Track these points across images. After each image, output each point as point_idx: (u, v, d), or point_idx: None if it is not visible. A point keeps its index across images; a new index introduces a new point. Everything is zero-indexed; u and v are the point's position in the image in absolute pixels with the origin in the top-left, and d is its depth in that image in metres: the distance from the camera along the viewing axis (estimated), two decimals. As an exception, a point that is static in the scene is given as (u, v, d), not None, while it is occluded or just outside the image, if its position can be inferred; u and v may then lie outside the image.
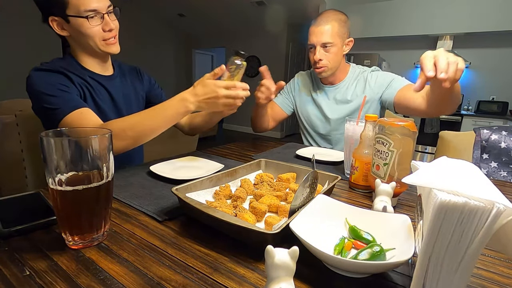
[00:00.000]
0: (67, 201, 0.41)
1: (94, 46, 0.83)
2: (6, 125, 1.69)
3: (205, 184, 0.62)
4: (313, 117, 1.36)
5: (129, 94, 0.99)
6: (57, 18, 0.80)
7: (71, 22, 0.79)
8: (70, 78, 0.82)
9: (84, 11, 0.77)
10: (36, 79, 0.78)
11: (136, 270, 0.38)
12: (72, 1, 0.76)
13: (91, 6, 0.77)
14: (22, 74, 4.15)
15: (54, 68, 0.80)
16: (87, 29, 0.79)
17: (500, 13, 3.44)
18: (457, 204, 0.26)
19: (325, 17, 1.15)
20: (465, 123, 3.69)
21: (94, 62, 0.90)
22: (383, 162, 0.62)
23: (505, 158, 1.16)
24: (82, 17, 0.77)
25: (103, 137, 0.41)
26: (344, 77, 1.29)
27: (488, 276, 0.40)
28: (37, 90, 0.77)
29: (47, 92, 0.77)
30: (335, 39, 1.15)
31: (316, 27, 1.15)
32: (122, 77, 1.00)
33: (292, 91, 1.42)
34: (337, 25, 1.14)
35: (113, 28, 0.82)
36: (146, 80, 1.08)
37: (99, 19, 0.80)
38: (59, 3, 0.76)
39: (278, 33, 5.67)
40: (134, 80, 1.04)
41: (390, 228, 0.44)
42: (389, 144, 0.60)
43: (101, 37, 0.82)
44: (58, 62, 0.85)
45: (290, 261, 0.28)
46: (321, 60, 1.17)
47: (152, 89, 1.10)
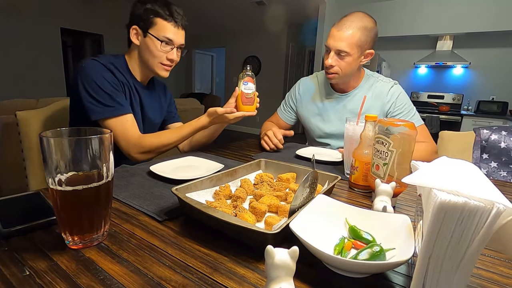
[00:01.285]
0: (67, 201, 0.41)
1: (151, 64, 0.97)
2: (6, 125, 1.69)
3: (205, 184, 0.62)
4: (317, 129, 1.31)
5: (156, 105, 1.12)
6: (138, 30, 0.94)
7: (147, 38, 0.93)
8: (119, 79, 0.93)
9: (163, 37, 0.92)
10: (93, 70, 0.88)
11: (136, 270, 0.38)
12: (158, 25, 0.92)
13: (169, 36, 0.93)
14: (21, 74, 4.17)
15: (108, 66, 0.91)
16: (156, 50, 0.94)
17: (500, 13, 3.44)
18: (457, 204, 0.26)
19: (349, 21, 1.06)
20: (465, 123, 3.69)
21: (141, 72, 1.02)
22: (383, 162, 0.62)
23: (505, 158, 1.16)
24: (159, 39, 0.92)
25: (103, 137, 0.41)
26: (357, 84, 1.23)
27: (488, 276, 0.40)
28: (94, 82, 0.87)
29: (103, 87, 0.87)
30: (352, 49, 1.06)
31: (338, 30, 1.07)
32: (153, 90, 1.12)
33: (294, 100, 1.37)
34: (359, 34, 1.05)
35: (174, 60, 0.97)
36: (168, 96, 1.21)
37: (169, 48, 0.95)
38: (148, 21, 0.92)
39: (278, 33, 5.68)
40: (161, 94, 1.16)
41: (390, 228, 0.44)
42: (389, 144, 0.60)
43: (161, 61, 0.96)
44: (112, 60, 0.95)
45: (290, 261, 0.28)
46: (333, 66, 1.11)
47: (170, 106, 1.22)
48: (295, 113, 1.39)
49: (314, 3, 4.37)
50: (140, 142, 0.91)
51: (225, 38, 6.49)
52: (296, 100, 1.36)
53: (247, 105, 0.93)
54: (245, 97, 0.92)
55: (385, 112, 1.20)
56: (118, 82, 0.93)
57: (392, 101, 1.18)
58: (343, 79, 1.17)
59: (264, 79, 6.05)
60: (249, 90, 0.92)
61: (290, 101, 1.39)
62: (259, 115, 4.20)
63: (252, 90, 0.93)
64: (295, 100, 1.37)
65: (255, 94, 0.94)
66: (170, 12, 0.92)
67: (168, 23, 0.92)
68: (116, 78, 0.92)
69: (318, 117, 1.30)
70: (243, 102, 0.93)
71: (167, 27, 0.92)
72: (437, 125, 3.74)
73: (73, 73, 0.90)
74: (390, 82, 1.22)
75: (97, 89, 0.87)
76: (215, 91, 8.56)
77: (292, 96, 1.38)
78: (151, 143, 0.92)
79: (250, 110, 0.94)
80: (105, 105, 0.88)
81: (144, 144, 0.91)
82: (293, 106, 1.38)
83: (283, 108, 1.42)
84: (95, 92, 0.87)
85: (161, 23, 0.91)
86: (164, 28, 0.91)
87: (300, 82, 1.38)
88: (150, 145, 0.92)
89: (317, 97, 1.30)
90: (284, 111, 1.41)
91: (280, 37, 5.72)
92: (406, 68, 4.48)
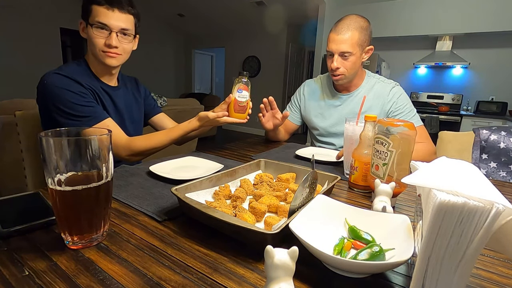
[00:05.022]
0: (66, 201, 0.41)
1: (96, 54, 0.92)
2: (5, 125, 1.69)
3: (204, 184, 0.62)
4: (321, 130, 1.34)
5: (131, 103, 1.09)
6: (83, 22, 0.91)
7: (88, 28, 0.90)
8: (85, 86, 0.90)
9: (96, 22, 0.87)
10: (58, 84, 0.85)
11: (136, 270, 0.38)
12: (93, 12, 0.88)
13: (102, 20, 0.87)
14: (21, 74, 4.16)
15: (72, 77, 0.88)
16: (93, 38, 0.89)
17: (499, 13, 3.44)
18: (457, 204, 0.26)
19: (346, 25, 1.11)
20: (464, 123, 3.69)
21: (102, 71, 0.98)
22: (382, 162, 0.62)
23: (504, 158, 1.16)
24: (91, 25, 0.88)
25: (103, 137, 0.41)
26: (360, 84, 1.27)
27: (487, 276, 0.40)
28: (61, 97, 0.84)
29: (73, 100, 0.85)
30: (355, 48, 1.12)
31: (337, 35, 1.11)
32: (125, 87, 1.09)
33: (299, 101, 1.41)
34: (358, 34, 1.11)
35: (114, 45, 0.90)
36: (142, 90, 1.18)
37: (106, 33, 0.89)
38: (87, 10, 0.89)
39: (277, 33, 5.68)
40: (134, 90, 1.13)
41: (389, 228, 0.44)
42: (388, 144, 0.60)
43: (101, 48, 0.90)
44: (74, 69, 0.93)
45: (290, 261, 0.28)
46: (339, 68, 1.15)
47: (147, 99, 1.19)
48: (300, 113, 1.42)
49: (313, 3, 4.37)
50: (129, 145, 0.91)
51: (225, 38, 6.48)
52: (300, 100, 1.41)
53: (239, 113, 0.93)
54: (238, 105, 0.92)
55: (386, 112, 1.22)
56: (86, 90, 0.90)
57: (393, 101, 1.21)
58: (349, 79, 1.21)
59: (263, 79, 6.05)
60: (243, 98, 0.92)
61: (295, 102, 1.43)
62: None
63: (246, 98, 0.93)
64: (300, 100, 1.41)
65: (248, 102, 0.94)
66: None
67: (100, 7, 0.87)
68: (83, 86, 0.89)
69: (321, 116, 1.33)
70: (235, 110, 0.93)
71: (100, 11, 0.87)
72: (436, 125, 3.74)
73: (37, 91, 0.88)
74: (391, 83, 1.25)
75: (67, 103, 0.84)
76: (215, 91, 8.55)
77: (298, 97, 1.42)
78: (140, 146, 0.92)
79: (241, 118, 0.94)
80: (81, 117, 0.86)
81: (133, 147, 0.91)
82: (298, 106, 1.42)
83: (289, 109, 1.45)
84: (66, 107, 0.84)
85: (95, 9, 0.87)
86: (97, 12, 0.87)
87: (305, 83, 1.43)
88: (140, 147, 0.92)
89: (321, 97, 1.34)
90: (290, 112, 1.43)
91: (280, 37, 5.72)
92: (406, 68, 4.49)
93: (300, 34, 5.86)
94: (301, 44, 6.08)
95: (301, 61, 6.35)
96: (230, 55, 6.58)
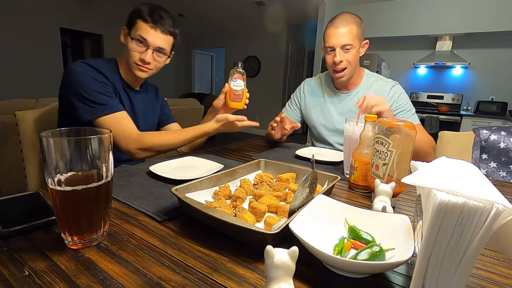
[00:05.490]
0: (66, 201, 0.41)
1: (129, 63, 0.98)
2: (6, 125, 1.69)
3: (204, 184, 0.62)
4: (321, 127, 1.34)
5: (148, 109, 1.12)
6: (126, 30, 0.97)
7: (128, 37, 0.95)
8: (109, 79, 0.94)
9: (137, 35, 0.93)
10: (83, 71, 0.89)
11: (136, 270, 0.38)
12: (137, 26, 0.93)
13: (143, 35, 0.93)
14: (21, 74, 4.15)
15: (98, 68, 0.92)
16: (131, 50, 0.94)
17: (499, 13, 3.44)
18: (457, 204, 0.26)
19: (343, 19, 1.14)
20: (464, 123, 3.69)
21: (130, 75, 1.02)
22: (382, 162, 0.62)
23: (504, 158, 1.16)
24: (133, 38, 0.93)
25: (103, 137, 0.41)
26: (359, 83, 1.28)
27: (487, 276, 0.40)
28: (83, 82, 0.88)
29: (93, 87, 0.88)
30: (354, 41, 1.14)
31: (336, 29, 1.13)
32: (145, 93, 1.13)
33: (299, 100, 1.42)
34: (356, 27, 1.14)
35: (148, 62, 0.95)
36: (160, 98, 1.21)
37: (143, 48, 0.94)
38: (132, 21, 0.94)
39: (277, 33, 5.68)
40: (153, 97, 1.17)
41: (389, 228, 0.44)
42: (388, 144, 0.60)
43: (135, 61, 0.96)
44: (102, 64, 0.96)
45: (290, 261, 0.28)
46: (342, 61, 1.16)
47: (163, 108, 1.22)
48: (300, 112, 1.43)
49: (313, 3, 4.37)
50: (140, 139, 0.91)
51: (225, 38, 6.48)
52: (300, 98, 1.41)
53: (235, 102, 0.95)
54: (233, 94, 0.95)
55: None
56: (108, 81, 0.93)
57: (394, 100, 1.21)
58: (351, 73, 1.22)
59: (263, 79, 6.05)
60: (238, 87, 0.94)
61: (295, 100, 1.43)
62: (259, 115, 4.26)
63: (241, 87, 0.95)
64: (300, 98, 1.42)
65: (244, 91, 0.95)
66: (152, 14, 0.93)
67: (145, 24, 0.92)
68: (106, 78, 0.92)
69: (321, 114, 1.34)
70: (231, 98, 0.95)
71: (143, 27, 0.92)
72: (436, 125, 3.74)
73: (62, 77, 0.91)
74: (391, 82, 1.26)
75: (87, 89, 0.87)
76: (215, 91, 8.55)
77: (298, 95, 1.43)
78: (151, 141, 0.92)
79: (238, 106, 0.96)
80: (97, 104, 0.88)
81: (144, 141, 0.91)
82: (298, 105, 1.43)
83: (288, 107, 1.45)
84: (85, 92, 0.87)
85: (139, 24, 0.92)
86: (141, 28, 0.92)
87: (305, 82, 1.44)
88: (151, 142, 0.92)
89: (320, 95, 1.35)
90: (290, 110, 1.44)
91: (280, 37, 5.72)
92: (406, 68, 4.48)
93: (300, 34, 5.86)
94: (301, 44, 6.07)
95: (301, 61, 6.35)
96: (230, 55, 6.58)
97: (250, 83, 6.88)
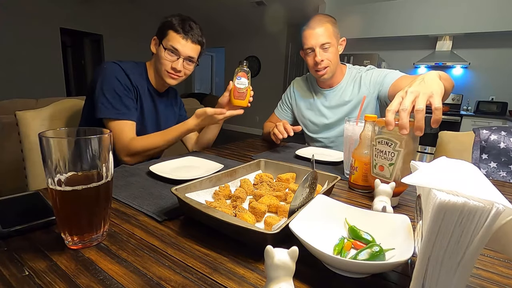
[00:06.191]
0: (66, 201, 0.41)
1: (159, 70, 1.03)
2: (6, 125, 1.69)
3: (204, 184, 0.62)
4: (310, 123, 1.37)
5: (169, 111, 1.19)
6: (157, 40, 1.02)
7: (160, 47, 1.00)
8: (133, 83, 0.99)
9: (169, 46, 0.98)
10: (111, 70, 0.95)
11: (136, 270, 0.38)
12: (169, 36, 0.98)
13: (175, 46, 0.98)
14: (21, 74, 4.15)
15: (126, 70, 0.97)
16: (163, 58, 1.00)
17: (499, 13, 3.44)
18: (457, 204, 0.26)
19: (318, 20, 1.18)
20: (464, 123, 3.69)
21: (156, 80, 1.09)
22: (389, 162, 0.61)
23: (504, 159, 1.16)
24: (165, 48, 0.99)
25: (103, 137, 0.41)
26: (341, 79, 1.31)
27: (487, 276, 0.40)
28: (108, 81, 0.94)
29: (115, 89, 0.94)
30: (332, 39, 1.18)
31: (312, 30, 1.17)
32: (167, 97, 1.18)
33: (289, 99, 1.45)
34: (331, 26, 1.18)
35: (179, 70, 1.01)
36: (179, 101, 1.27)
37: (175, 57, 1.00)
38: (164, 33, 1.00)
39: (277, 33, 5.68)
40: (173, 100, 1.22)
41: (389, 228, 0.44)
42: (395, 144, 0.60)
43: (167, 69, 1.01)
44: (131, 65, 1.02)
45: (290, 261, 0.28)
46: (323, 60, 1.19)
47: (180, 111, 1.27)
48: (291, 111, 1.46)
49: (313, 3, 4.37)
50: (128, 145, 0.93)
51: (225, 38, 6.48)
52: (291, 98, 1.44)
53: (239, 99, 0.97)
54: (237, 92, 0.96)
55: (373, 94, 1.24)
56: (132, 86, 0.98)
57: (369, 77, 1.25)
58: (333, 71, 1.24)
59: (263, 79, 6.05)
60: (242, 85, 0.95)
61: (286, 100, 1.46)
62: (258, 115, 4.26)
63: (245, 85, 0.96)
64: (290, 98, 1.45)
65: (248, 89, 0.97)
66: (183, 25, 0.98)
67: (177, 35, 0.98)
68: (130, 81, 0.98)
69: (311, 112, 1.37)
70: (235, 96, 0.97)
71: (175, 38, 0.98)
72: (436, 125, 3.74)
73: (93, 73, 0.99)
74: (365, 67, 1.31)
75: (109, 89, 0.93)
76: (215, 91, 8.55)
77: (288, 95, 1.46)
78: (136, 145, 0.94)
79: (242, 104, 0.98)
80: (113, 107, 0.93)
81: (131, 147, 0.93)
82: (289, 104, 1.45)
83: (280, 108, 1.49)
84: (107, 91, 0.93)
85: (171, 34, 0.98)
86: (173, 38, 0.98)
87: (294, 82, 1.47)
88: (136, 147, 0.94)
89: (309, 94, 1.39)
90: (281, 111, 1.48)
91: (280, 37, 5.72)
92: (406, 68, 4.48)
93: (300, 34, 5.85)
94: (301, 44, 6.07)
95: (301, 61, 6.34)
96: (230, 55, 6.57)
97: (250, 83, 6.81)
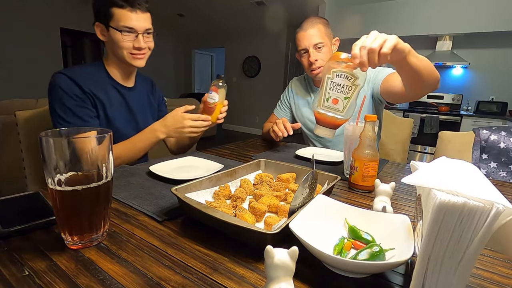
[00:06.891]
0: (66, 201, 0.41)
1: (122, 56, 0.93)
2: (5, 125, 1.69)
3: (204, 184, 0.62)
4: (309, 122, 1.38)
5: (145, 105, 1.08)
6: (101, 25, 0.91)
7: (110, 31, 0.90)
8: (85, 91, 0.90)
9: (122, 26, 0.88)
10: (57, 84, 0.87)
11: (136, 270, 0.38)
12: (116, 15, 0.87)
13: (129, 24, 0.88)
14: (21, 74, 4.15)
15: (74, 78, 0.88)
16: (120, 41, 0.90)
17: (499, 13, 3.44)
18: (457, 204, 0.26)
19: (310, 22, 1.20)
20: (464, 124, 3.69)
21: (120, 71, 1.00)
22: (344, 96, 0.61)
23: (504, 159, 1.16)
24: (119, 30, 0.88)
25: (103, 137, 0.41)
26: None
27: (487, 276, 0.40)
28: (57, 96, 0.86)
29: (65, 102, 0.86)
30: (325, 39, 1.19)
31: (305, 31, 1.19)
32: (140, 88, 1.08)
33: (288, 99, 1.46)
34: (323, 27, 1.20)
35: (142, 47, 0.92)
36: (157, 94, 1.17)
37: (133, 36, 0.90)
38: (107, 14, 0.88)
39: (277, 33, 5.67)
40: (149, 92, 1.12)
41: (389, 228, 0.44)
42: (355, 78, 0.59)
43: (129, 51, 0.92)
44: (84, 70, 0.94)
45: (290, 261, 0.28)
46: (317, 60, 1.20)
47: (160, 105, 1.17)
48: (290, 111, 1.47)
49: (313, 3, 4.37)
50: None
51: (225, 38, 6.48)
52: (289, 98, 1.46)
53: (206, 113, 0.95)
54: (206, 105, 0.95)
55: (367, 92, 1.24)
56: (84, 93, 0.89)
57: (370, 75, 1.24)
58: None
59: (263, 79, 6.04)
60: (211, 99, 0.94)
61: (285, 100, 1.48)
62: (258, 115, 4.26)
63: (214, 100, 0.93)
64: (289, 97, 1.46)
65: (217, 105, 0.94)
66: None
67: (124, 10, 0.87)
68: (81, 89, 0.89)
69: (309, 110, 1.39)
70: (204, 109, 0.96)
71: (124, 15, 0.87)
72: (436, 125, 3.74)
73: None
74: None
75: (58, 103, 0.86)
76: (215, 91, 8.54)
77: (287, 94, 1.48)
78: None
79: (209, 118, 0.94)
80: (66, 121, 0.87)
81: None
82: (288, 104, 1.47)
83: (279, 107, 1.50)
84: (57, 105, 0.87)
85: (118, 12, 0.87)
86: (122, 16, 0.87)
87: (292, 81, 1.49)
88: None
89: (306, 93, 1.40)
90: (280, 110, 1.49)
91: (280, 37, 5.72)
92: (406, 68, 4.48)
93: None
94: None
95: (301, 61, 6.35)
96: (230, 55, 6.57)
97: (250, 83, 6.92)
